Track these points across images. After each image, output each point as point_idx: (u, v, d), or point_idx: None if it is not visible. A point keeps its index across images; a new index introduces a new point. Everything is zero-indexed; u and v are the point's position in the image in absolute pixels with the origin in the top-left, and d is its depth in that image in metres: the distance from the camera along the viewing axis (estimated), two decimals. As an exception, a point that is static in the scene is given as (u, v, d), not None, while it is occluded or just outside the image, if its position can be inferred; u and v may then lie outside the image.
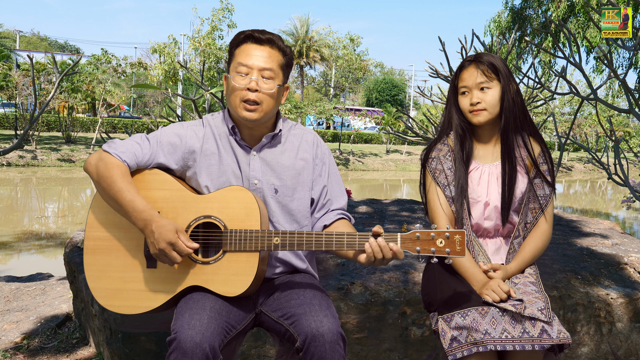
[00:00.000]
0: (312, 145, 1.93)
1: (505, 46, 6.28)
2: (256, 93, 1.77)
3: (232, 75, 1.80)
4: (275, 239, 1.70)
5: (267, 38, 1.81)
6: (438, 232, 1.64)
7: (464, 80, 1.94)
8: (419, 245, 1.64)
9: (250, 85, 1.77)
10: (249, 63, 1.78)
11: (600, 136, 24.60)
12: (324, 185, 1.93)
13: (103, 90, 23.58)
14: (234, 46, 1.85)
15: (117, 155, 1.74)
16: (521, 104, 1.94)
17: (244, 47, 1.81)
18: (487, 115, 1.91)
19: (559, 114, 32.21)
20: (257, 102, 1.77)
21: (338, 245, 1.69)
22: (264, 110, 1.80)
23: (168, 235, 1.63)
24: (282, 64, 1.84)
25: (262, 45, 1.81)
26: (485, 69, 1.90)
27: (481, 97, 1.90)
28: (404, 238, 1.65)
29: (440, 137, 2.04)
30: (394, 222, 3.52)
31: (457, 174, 1.95)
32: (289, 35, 44.30)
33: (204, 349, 1.52)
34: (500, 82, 1.90)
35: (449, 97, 2.02)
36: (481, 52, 1.97)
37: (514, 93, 1.92)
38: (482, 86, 1.90)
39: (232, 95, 1.81)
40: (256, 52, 1.80)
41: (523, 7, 17.90)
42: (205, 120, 1.90)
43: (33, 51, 36.20)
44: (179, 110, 17.29)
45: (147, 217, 1.66)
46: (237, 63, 1.80)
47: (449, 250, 1.63)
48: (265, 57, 1.80)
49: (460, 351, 1.72)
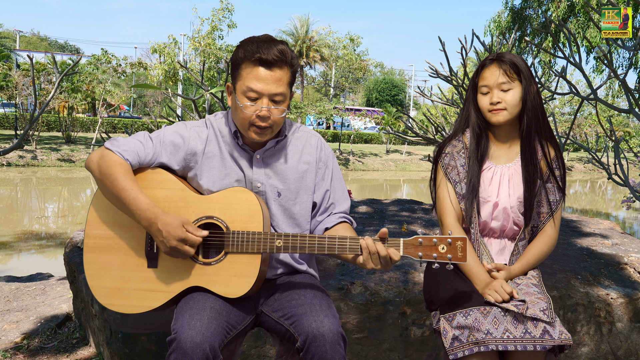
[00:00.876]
0: (315, 149, 1.91)
1: (505, 46, 6.27)
2: (267, 120, 1.73)
3: (239, 97, 1.73)
4: (277, 241, 1.69)
5: (276, 58, 1.69)
6: (440, 238, 1.64)
7: (485, 79, 1.92)
8: (421, 251, 1.65)
9: (261, 113, 1.71)
10: (258, 88, 1.70)
11: (600, 136, 24.59)
12: (327, 189, 1.92)
13: (103, 90, 23.57)
14: (240, 63, 1.74)
15: (120, 153, 1.72)
16: (541, 106, 1.93)
17: (253, 69, 1.70)
18: (507, 115, 1.90)
19: (559, 114, 32.20)
20: (267, 126, 1.75)
21: (340, 249, 1.68)
22: (275, 132, 1.79)
23: (177, 232, 1.63)
24: (290, 81, 1.77)
25: (272, 69, 1.70)
26: (507, 68, 1.89)
27: (502, 97, 1.89)
28: (406, 243, 1.65)
29: (456, 134, 2.03)
30: (394, 222, 3.52)
31: (470, 171, 1.94)
32: (289, 35, 44.30)
33: (204, 349, 1.52)
34: (522, 83, 1.89)
35: (468, 94, 2.00)
36: (503, 52, 1.96)
37: (535, 94, 1.91)
38: (503, 87, 1.89)
39: (240, 118, 1.75)
40: (266, 75, 1.70)
41: (523, 7, 17.90)
42: (209, 121, 1.88)
43: (33, 51, 36.21)
44: (179, 110, 17.28)
45: (151, 216, 1.65)
46: (245, 87, 1.71)
47: (450, 257, 1.63)
48: (276, 80, 1.71)
49: (461, 350, 1.71)
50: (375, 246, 1.64)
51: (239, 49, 1.74)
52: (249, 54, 1.70)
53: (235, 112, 1.78)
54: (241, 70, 1.73)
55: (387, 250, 1.63)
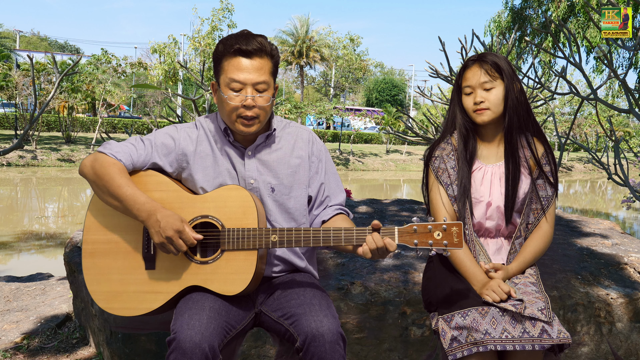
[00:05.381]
0: (307, 143, 1.93)
1: (505, 46, 6.27)
2: (253, 109, 1.75)
3: (223, 90, 1.76)
4: (273, 236, 1.70)
5: (255, 48, 1.73)
6: (435, 225, 1.64)
7: (467, 79, 1.94)
8: (416, 239, 1.65)
9: (246, 102, 1.74)
10: (241, 78, 1.73)
11: (600, 136, 24.60)
12: (322, 182, 1.93)
13: (103, 90, 23.59)
14: (221, 57, 1.77)
15: (113, 155, 1.75)
16: (525, 104, 1.94)
17: (233, 60, 1.74)
18: (491, 114, 1.91)
19: (559, 114, 32.21)
20: (254, 116, 1.76)
21: (336, 241, 1.69)
22: (262, 122, 1.80)
23: (175, 224, 1.64)
24: (272, 71, 1.80)
25: (252, 57, 1.74)
26: (488, 68, 1.90)
27: (485, 97, 1.90)
28: (401, 231, 1.66)
29: (444, 137, 2.04)
30: (394, 222, 3.52)
31: (460, 173, 1.95)
32: (289, 35, 44.26)
33: (203, 349, 1.52)
34: (504, 82, 1.90)
35: (453, 96, 2.02)
36: (485, 52, 1.97)
37: (517, 92, 1.92)
38: (485, 86, 1.90)
39: (227, 110, 1.77)
40: (247, 65, 1.73)
41: (523, 7, 17.89)
42: (199, 122, 1.90)
43: (33, 51, 36.22)
44: (179, 110, 17.28)
45: (151, 208, 1.66)
46: (228, 78, 1.74)
47: (446, 243, 1.63)
48: (257, 69, 1.74)
49: (460, 351, 1.72)
50: (381, 240, 1.63)
51: (218, 45, 1.78)
52: (228, 47, 1.74)
53: (222, 107, 1.80)
54: (222, 63, 1.77)
55: (384, 240, 1.64)
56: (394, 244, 1.64)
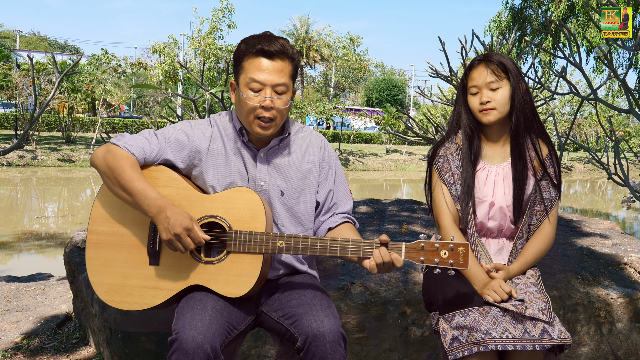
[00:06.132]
0: (319, 149, 1.92)
1: (505, 46, 6.27)
2: (271, 111, 1.74)
3: (242, 89, 1.75)
4: (280, 242, 1.70)
5: (277, 50, 1.72)
6: (442, 244, 1.65)
7: (473, 79, 1.93)
8: (422, 255, 1.65)
9: (265, 103, 1.73)
10: (261, 79, 1.72)
11: (600, 136, 24.60)
12: (330, 189, 1.93)
13: (103, 90, 23.57)
14: (242, 57, 1.76)
15: (126, 148, 1.74)
16: (531, 104, 1.94)
17: (255, 61, 1.73)
18: (497, 114, 1.91)
19: (559, 114, 32.20)
20: (272, 118, 1.75)
21: (343, 252, 1.68)
22: (278, 124, 1.79)
23: (185, 221, 1.63)
24: (292, 74, 1.79)
25: (274, 59, 1.73)
26: (495, 68, 1.90)
27: (491, 97, 1.90)
28: (408, 248, 1.66)
29: (449, 136, 2.04)
30: (394, 222, 3.52)
31: (464, 172, 1.94)
32: (289, 35, 44.29)
33: (205, 349, 1.52)
34: (510, 82, 1.90)
35: (458, 96, 2.02)
36: (491, 52, 1.97)
37: (523, 92, 1.92)
38: (492, 86, 1.90)
39: (245, 110, 1.76)
40: (268, 66, 1.72)
41: (523, 7, 17.90)
42: (213, 120, 1.89)
43: (33, 51, 36.21)
44: (179, 110, 17.29)
45: (161, 204, 1.66)
46: (248, 78, 1.73)
47: (452, 262, 1.63)
48: (278, 71, 1.73)
49: (460, 351, 1.72)
50: (388, 255, 1.64)
51: (240, 44, 1.77)
52: (251, 47, 1.73)
53: (240, 107, 1.79)
54: (243, 63, 1.76)
55: (391, 255, 1.64)
56: (400, 260, 1.64)
